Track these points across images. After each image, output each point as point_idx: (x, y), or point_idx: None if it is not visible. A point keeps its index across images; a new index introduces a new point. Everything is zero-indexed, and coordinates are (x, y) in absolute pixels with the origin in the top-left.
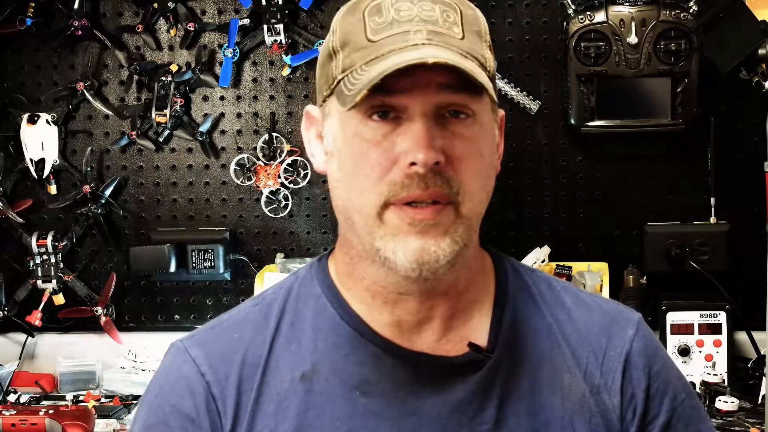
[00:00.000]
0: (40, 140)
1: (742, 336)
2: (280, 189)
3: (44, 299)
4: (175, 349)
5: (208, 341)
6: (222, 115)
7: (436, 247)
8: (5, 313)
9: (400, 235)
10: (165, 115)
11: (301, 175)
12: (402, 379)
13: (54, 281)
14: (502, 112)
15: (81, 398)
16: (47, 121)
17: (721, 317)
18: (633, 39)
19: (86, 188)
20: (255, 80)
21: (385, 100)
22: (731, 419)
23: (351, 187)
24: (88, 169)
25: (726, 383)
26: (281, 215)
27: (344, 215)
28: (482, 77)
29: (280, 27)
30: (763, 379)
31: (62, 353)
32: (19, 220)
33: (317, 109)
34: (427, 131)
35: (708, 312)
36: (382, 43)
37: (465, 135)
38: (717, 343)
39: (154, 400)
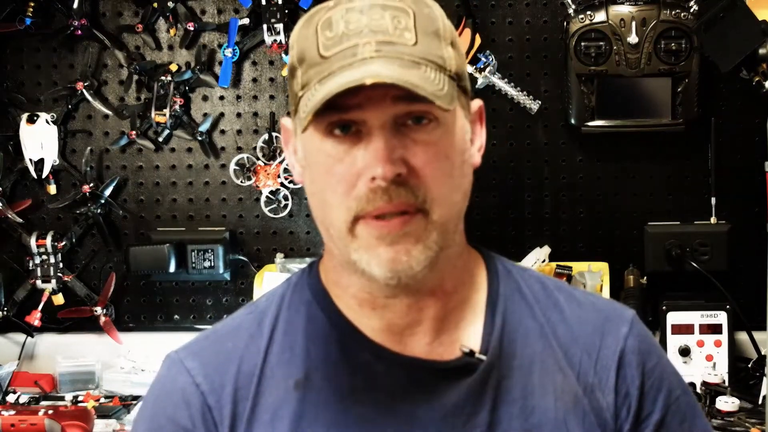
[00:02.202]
0: (39, 140)
1: (742, 336)
2: (279, 189)
3: (44, 299)
4: (170, 360)
5: (203, 351)
6: (222, 114)
7: (407, 256)
8: (5, 313)
9: (371, 247)
10: (164, 115)
11: None
12: (395, 385)
13: (53, 281)
14: (478, 103)
15: (80, 398)
16: (47, 121)
17: (722, 317)
18: (633, 39)
19: (86, 188)
20: (255, 80)
21: (342, 116)
22: (732, 419)
23: (323, 200)
24: (88, 169)
25: (726, 383)
26: (281, 215)
27: (323, 226)
28: (431, 84)
29: (279, 27)
30: (764, 379)
31: (62, 353)
32: (19, 220)
33: (291, 121)
34: (385, 144)
35: (708, 312)
36: (333, 60)
37: (428, 140)
38: (717, 344)
39: (151, 413)
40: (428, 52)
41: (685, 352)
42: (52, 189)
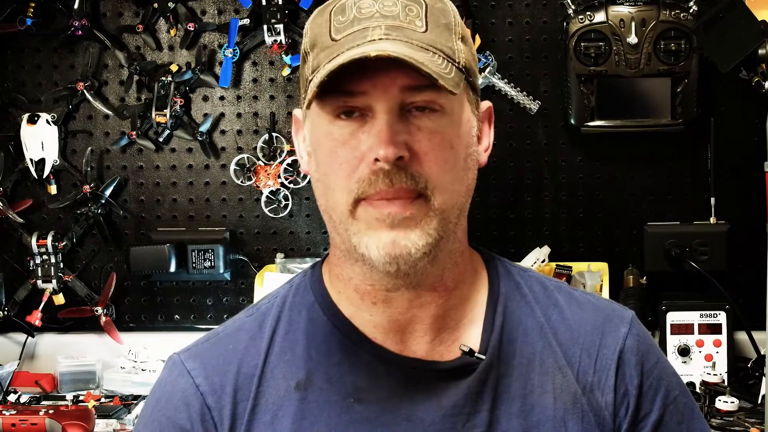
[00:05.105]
0: (40, 140)
1: (741, 336)
2: (280, 189)
3: (44, 299)
4: (171, 362)
5: (204, 353)
6: (222, 115)
7: (406, 240)
8: (5, 313)
9: (371, 229)
10: (165, 115)
11: (301, 175)
12: (395, 385)
13: (54, 281)
14: (487, 104)
15: (81, 398)
16: (47, 121)
17: (721, 317)
18: (633, 39)
19: (86, 188)
20: (255, 80)
21: (347, 101)
22: (731, 419)
23: (327, 185)
24: (88, 169)
25: (726, 383)
26: (281, 215)
27: (326, 214)
28: (437, 66)
29: (280, 27)
30: (763, 379)
31: (62, 353)
32: (19, 220)
33: (301, 112)
34: (389, 127)
35: (708, 312)
36: (343, 41)
37: (432, 128)
38: (717, 343)
39: (151, 414)
40: (437, 41)
41: (684, 351)
42: (53, 189)
